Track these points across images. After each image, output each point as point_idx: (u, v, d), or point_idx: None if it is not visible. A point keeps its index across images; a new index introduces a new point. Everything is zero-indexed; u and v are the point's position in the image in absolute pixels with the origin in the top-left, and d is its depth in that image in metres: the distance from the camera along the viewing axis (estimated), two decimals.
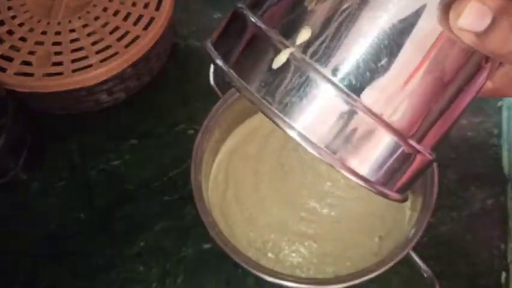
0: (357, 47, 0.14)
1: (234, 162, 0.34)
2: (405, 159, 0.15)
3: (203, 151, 0.32)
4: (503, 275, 0.34)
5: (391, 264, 0.27)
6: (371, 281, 0.33)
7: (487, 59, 0.15)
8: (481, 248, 0.35)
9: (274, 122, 0.14)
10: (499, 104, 0.41)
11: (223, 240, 0.29)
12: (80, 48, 0.37)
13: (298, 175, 0.33)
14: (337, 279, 0.28)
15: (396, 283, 0.33)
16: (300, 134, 0.14)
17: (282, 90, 0.14)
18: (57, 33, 0.38)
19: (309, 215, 0.32)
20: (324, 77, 0.14)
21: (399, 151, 0.15)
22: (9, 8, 0.40)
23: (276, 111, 0.14)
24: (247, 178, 0.34)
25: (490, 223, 0.36)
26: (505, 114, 0.41)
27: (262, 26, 0.15)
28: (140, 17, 0.39)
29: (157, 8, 0.40)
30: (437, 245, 0.35)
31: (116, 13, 0.39)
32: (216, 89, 0.34)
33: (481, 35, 0.14)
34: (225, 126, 0.35)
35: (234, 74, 0.16)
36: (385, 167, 0.15)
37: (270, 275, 0.28)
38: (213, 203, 0.33)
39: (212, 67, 0.35)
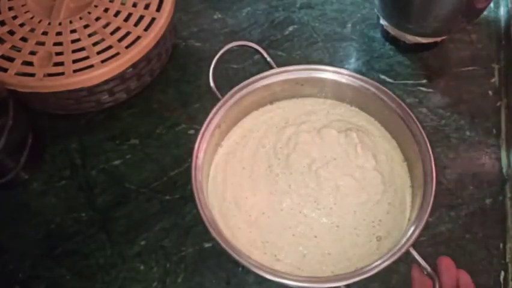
0: None
1: (231, 164, 0.35)
2: None
3: (203, 152, 0.32)
4: (502, 274, 0.34)
5: (391, 261, 0.28)
6: (371, 279, 0.34)
7: None
8: (479, 247, 0.35)
9: None
10: (498, 103, 0.42)
11: (224, 239, 0.29)
12: (81, 49, 0.38)
13: (290, 181, 0.34)
14: (336, 277, 0.28)
15: (396, 281, 0.34)
16: None
17: None
18: (59, 33, 0.38)
19: (307, 219, 0.32)
20: None
21: None
22: (10, 9, 0.40)
23: None
24: (243, 181, 0.34)
25: (489, 222, 0.36)
26: (503, 113, 0.41)
27: None
28: (141, 18, 0.39)
29: (158, 9, 0.40)
30: (436, 244, 0.35)
31: (117, 14, 0.40)
32: (215, 90, 0.35)
33: None
34: (224, 127, 0.35)
35: None
36: None
37: (270, 274, 0.28)
38: (213, 203, 0.33)
39: (212, 69, 0.35)
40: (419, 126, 0.32)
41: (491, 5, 0.47)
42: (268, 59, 0.36)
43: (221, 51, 0.35)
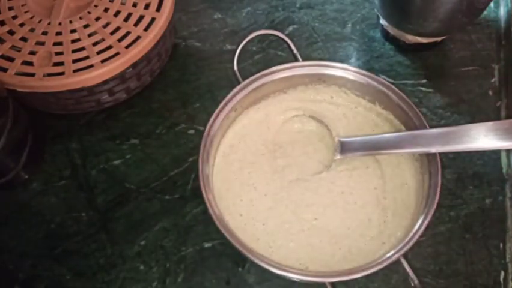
0: None
1: (230, 162, 0.35)
2: None
3: (210, 144, 0.32)
4: (502, 274, 0.34)
5: (378, 268, 0.27)
6: (371, 279, 0.34)
7: None
8: (479, 247, 0.35)
9: None
10: (498, 103, 0.42)
11: (230, 232, 0.28)
12: (81, 49, 0.38)
13: (288, 179, 0.34)
14: (320, 274, 0.28)
15: (396, 281, 0.34)
16: None
17: None
18: (58, 33, 0.38)
19: (308, 220, 0.32)
20: None
21: None
22: (10, 8, 0.40)
23: None
24: (243, 180, 0.34)
25: (489, 222, 0.36)
26: (503, 113, 0.41)
27: None
28: (141, 18, 0.39)
29: (158, 9, 0.40)
30: (436, 244, 0.35)
31: (117, 14, 0.40)
32: (238, 74, 0.35)
33: None
34: (239, 111, 0.35)
35: None
36: None
37: (276, 268, 0.28)
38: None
39: (237, 53, 0.35)
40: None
41: (491, 5, 0.47)
42: (295, 51, 0.36)
43: (249, 37, 0.35)
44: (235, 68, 0.35)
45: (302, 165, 0.34)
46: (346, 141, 0.33)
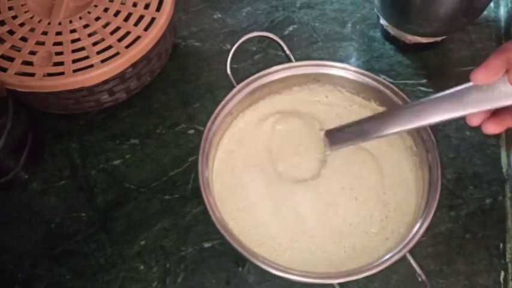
0: None
1: (231, 168, 0.34)
2: None
3: (209, 147, 0.32)
4: (502, 274, 0.34)
5: (384, 266, 0.27)
6: (371, 279, 0.34)
7: None
8: (479, 247, 0.35)
9: None
10: None
11: (230, 235, 0.28)
12: (81, 49, 0.38)
13: (288, 181, 0.34)
14: (328, 275, 0.28)
15: (396, 281, 0.34)
16: None
17: None
18: (58, 33, 0.38)
19: (311, 220, 0.32)
20: None
21: None
22: (10, 8, 0.40)
23: None
24: (245, 185, 0.34)
25: (489, 222, 0.36)
26: None
27: None
28: (141, 18, 0.39)
29: (158, 9, 0.40)
30: (436, 244, 0.35)
31: (117, 13, 0.40)
32: (232, 77, 0.35)
33: None
34: (235, 115, 0.35)
35: None
36: None
37: (276, 269, 0.27)
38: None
39: (230, 56, 0.35)
40: (431, 136, 0.31)
41: (491, 5, 0.47)
42: (288, 52, 0.36)
43: (241, 40, 0.35)
44: (229, 71, 0.35)
45: (300, 166, 0.34)
46: (331, 133, 0.33)
